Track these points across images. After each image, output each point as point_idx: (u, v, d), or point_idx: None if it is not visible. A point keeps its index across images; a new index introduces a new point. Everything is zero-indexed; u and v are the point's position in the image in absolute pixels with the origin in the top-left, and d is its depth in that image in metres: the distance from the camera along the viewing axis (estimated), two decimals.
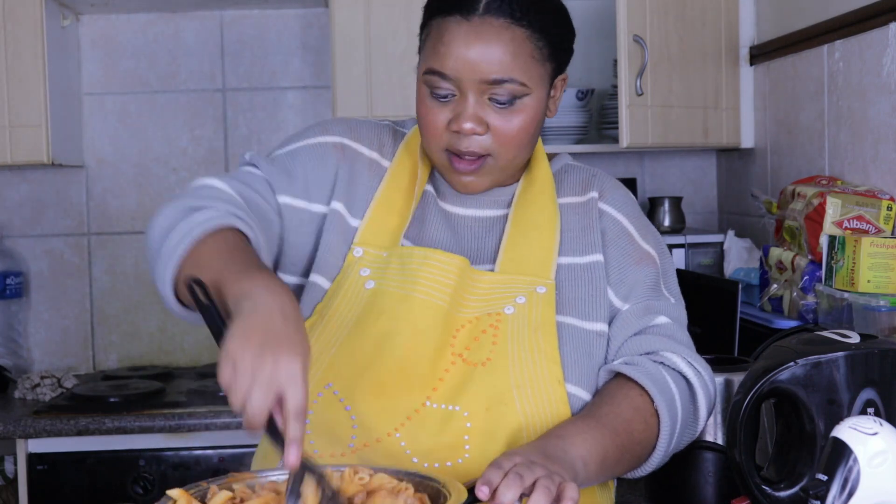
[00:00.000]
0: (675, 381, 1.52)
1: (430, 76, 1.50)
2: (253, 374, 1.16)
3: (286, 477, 1.37)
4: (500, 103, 1.49)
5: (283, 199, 1.55)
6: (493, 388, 1.44)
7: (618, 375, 1.52)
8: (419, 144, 1.61)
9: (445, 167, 1.54)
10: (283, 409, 1.17)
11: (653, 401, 1.48)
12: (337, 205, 1.57)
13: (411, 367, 1.44)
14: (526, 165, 1.62)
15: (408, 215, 1.57)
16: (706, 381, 1.56)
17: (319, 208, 1.57)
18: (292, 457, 1.16)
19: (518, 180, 1.62)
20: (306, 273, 1.57)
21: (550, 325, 1.49)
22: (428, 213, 1.59)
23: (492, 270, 1.54)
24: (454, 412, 1.44)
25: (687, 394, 1.53)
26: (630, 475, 1.52)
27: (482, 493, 1.24)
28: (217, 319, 1.25)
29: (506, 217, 1.59)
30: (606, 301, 1.55)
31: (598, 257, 1.57)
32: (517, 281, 1.52)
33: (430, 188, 1.61)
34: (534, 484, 1.24)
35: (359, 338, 1.47)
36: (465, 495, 1.28)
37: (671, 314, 1.59)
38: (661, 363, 1.53)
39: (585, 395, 1.49)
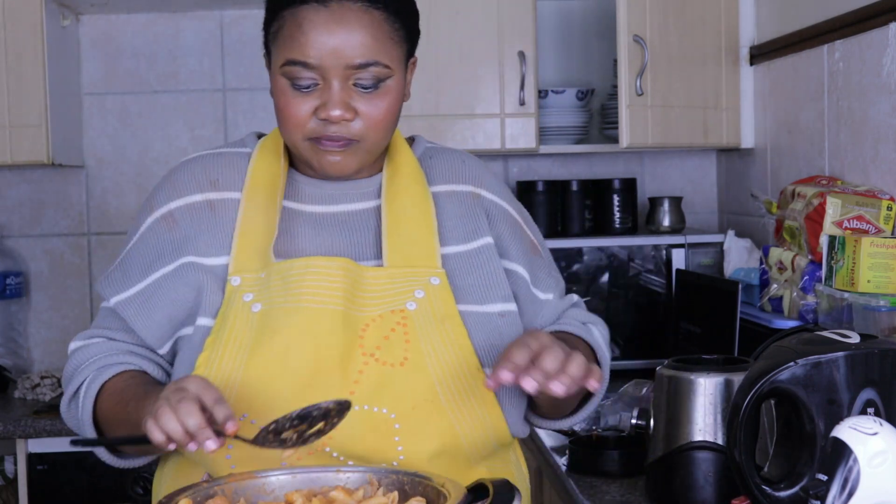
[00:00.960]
0: (605, 352, 1.62)
1: (290, 67, 1.47)
2: (173, 410, 1.30)
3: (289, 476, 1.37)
4: (366, 87, 1.48)
5: (117, 298, 1.58)
6: (416, 387, 1.44)
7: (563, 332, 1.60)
8: (273, 151, 1.59)
9: (311, 152, 1.51)
10: (207, 410, 1.31)
11: (596, 356, 1.58)
12: (187, 258, 1.54)
13: (321, 375, 1.43)
14: (386, 153, 1.61)
15: (273, 230, 1.53)
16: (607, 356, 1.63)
17: (165, 271, 1.55)
18: (230, 428, 1.30)
19: (380, 170, 1.60)
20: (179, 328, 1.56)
21: (454, 316, 1.49)
22: (292, 225, 1.56)
23: (380, 265, 1.52)
24: (380, 414, 1.43)
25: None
26: (569, 420, 1.60)
27: (506, 376, 1.33)
28: (122, 440, 1.47)
29: (377, 209, 1.57)
30: (503, 280, 1.56)
31: (487, 240, 1.58)
32: (409, 274, 1.51)
33: (290, 204, 1.57)
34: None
35: (259, 361, 1.45)
36: (464, 495, 1.28)
37: (565, 291, 1.69)
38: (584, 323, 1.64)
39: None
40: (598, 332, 1.62)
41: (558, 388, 1.32)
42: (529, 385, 1.32)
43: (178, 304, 1.53)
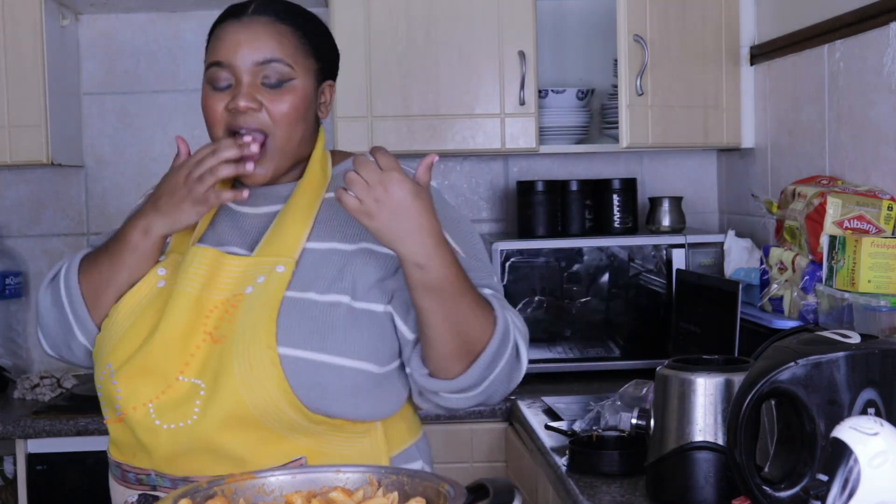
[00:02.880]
0: (511, 332, 1.68)
1: (209, 70, 1.76)
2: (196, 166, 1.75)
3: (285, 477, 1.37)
4: (271, 85, 1.72)
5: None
6: (220, 360, 1.64)
7: None
8: None
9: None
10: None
11: (495, 316, 1.65)
12: None
13: (166, 349, 1.67)
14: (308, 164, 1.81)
15: (204, 222, 1.79)
16: (525, 348, 1.71)
17: None
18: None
19: (299, 178, 1.80)
20: None
21: (276, 300, 1.67)
22: (220, 218, 1.81)
23: (249, 255, 1.74)
24: (194, 384, 1.66)
25: (513, 355, 1.69)
26: (459, 381, 1.65)
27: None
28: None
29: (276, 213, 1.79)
30: (359, 279, 1.69)
31: (365, 245, 1.71)
32: (263, 262, 1.71)
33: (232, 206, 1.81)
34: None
35: (137, 328, 1.71)
36: (464, 495, 1.28)
37: (495, 284, 1.77)
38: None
39: (300, 353, 1.64)
40: (507, 317, 1.69)
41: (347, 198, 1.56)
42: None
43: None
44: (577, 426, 2.29)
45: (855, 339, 1.57)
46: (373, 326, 1.68)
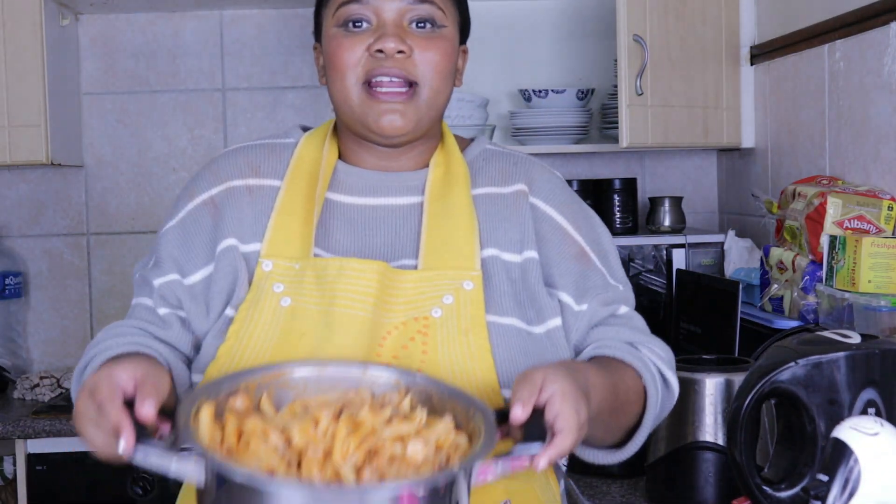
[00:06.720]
0: (656, 376, 1.48)
1: (342, 8, 1.44)
2: (87, 416, 1.22)
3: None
4: (421, 24, 1.44)
5: (159, 280, 1.49)
6: None
7: (605, 357, 1.46)
8: (319, 142, 1.54)
9: (367, 106, 1.45)
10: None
11: (644, 385, 1.44)
12: (228, 242, 1.47)
13: None
14: (436, 148, 1.55)
15: (312, 219, 1.46)
16: (674, 376, 1.52)
17: (205, 271, 1.48)
18: (146, 409, 1.19)
19: (426, 165, 1.53)
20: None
21: (481, 327, 1.40)
22: (331, 217, 1.49)
23: (415, 268, 1.44)
24: None
25: (663, 387, 1.49)
26: (606, 458, 1.47)
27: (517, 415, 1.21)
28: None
29: (419, 206, 1.49)
30: (542, 297, 1.46)
31: (531, 254, 1.48)
32: (442, 277, 1.42)
33: (332, 195, 1.51)
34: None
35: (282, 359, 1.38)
36: (494, 428, 1.19)
37: (628, 302, 1.54)
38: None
39: None
40: (650, 355, 1.47)
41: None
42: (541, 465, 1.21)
43: (220, 293, 1.46)
44: None
45: (855, 339, 1.57)
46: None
